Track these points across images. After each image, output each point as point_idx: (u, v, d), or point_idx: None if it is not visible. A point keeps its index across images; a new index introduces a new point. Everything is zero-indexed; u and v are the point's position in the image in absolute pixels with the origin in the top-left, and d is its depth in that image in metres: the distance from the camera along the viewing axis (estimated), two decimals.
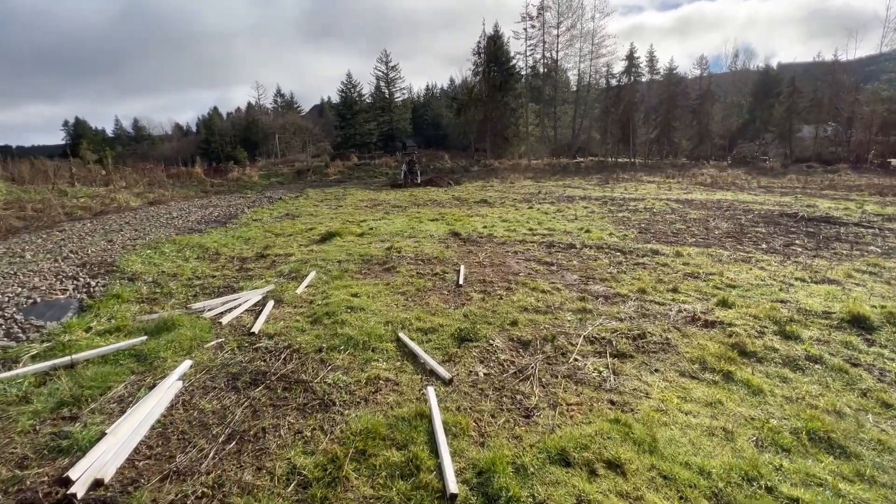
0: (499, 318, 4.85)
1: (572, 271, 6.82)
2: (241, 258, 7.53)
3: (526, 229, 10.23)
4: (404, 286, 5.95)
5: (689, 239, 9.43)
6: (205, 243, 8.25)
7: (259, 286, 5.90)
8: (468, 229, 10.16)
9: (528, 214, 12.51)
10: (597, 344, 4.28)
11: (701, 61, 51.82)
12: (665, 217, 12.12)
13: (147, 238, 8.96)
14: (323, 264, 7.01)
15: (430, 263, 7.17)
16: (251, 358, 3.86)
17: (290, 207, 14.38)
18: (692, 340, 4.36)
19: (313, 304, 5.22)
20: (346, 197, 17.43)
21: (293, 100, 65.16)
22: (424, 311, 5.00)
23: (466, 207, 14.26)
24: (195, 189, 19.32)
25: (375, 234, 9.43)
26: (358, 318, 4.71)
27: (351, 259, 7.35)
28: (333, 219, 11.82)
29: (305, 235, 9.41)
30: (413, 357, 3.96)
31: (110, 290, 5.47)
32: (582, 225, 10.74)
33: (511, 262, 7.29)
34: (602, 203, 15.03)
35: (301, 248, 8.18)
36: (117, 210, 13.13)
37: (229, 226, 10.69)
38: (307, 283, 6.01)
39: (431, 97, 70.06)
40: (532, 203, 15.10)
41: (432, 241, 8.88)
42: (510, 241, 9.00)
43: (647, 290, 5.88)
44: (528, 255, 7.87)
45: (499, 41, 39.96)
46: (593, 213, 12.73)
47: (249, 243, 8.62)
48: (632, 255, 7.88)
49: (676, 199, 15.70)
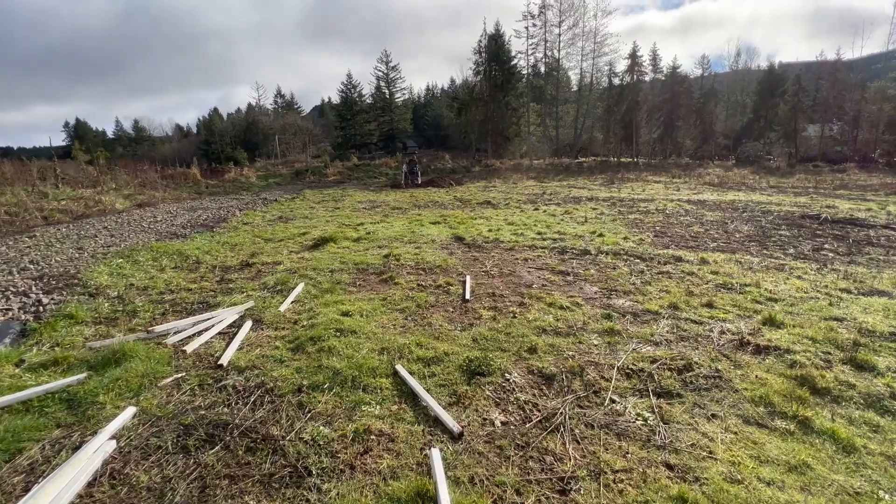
0: (514, 342, 4.09)
1: (591, 282, 6.05)
2: (223, 267, 6.77)
3: (534, 233, 9.46)
4: (403, 301, 5.19)
5: (711, 243, 8.66)
6: (185, 250, 7.48)
7: (239, 302, 5.13)
8: (472, 233, 9.40)
9: (534, 217, 11.74)
10: (634, 378, 3.51)
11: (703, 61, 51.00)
12: (680, 219, 11.35)
13: (123, 245, 8.18)
14: (313, 275, 6.24)
15: (432, 273, 6.40)
16: (212, 402, 3.09)
17: (284, 210, 13.61)
18: (748, 372, 3.60)
19: (297, 326, 4.46)
20: (344, 198, 16.66)
21: (294, 100, 64.40)
22: (427, 335, 4.24)
23: (469, 209, 13.49)
24: (189, 190, 18.55)
25: (373, 240, 8.67)
26: (348, 345, 3.94)
27: (345, 268, 6.59)
28: (329, 222, 11.05)
29: (297, 241, 8.64)
30: (413, 397, 3.19)
31: (63, 309, 4.71)
32: (593, 228, 9.96)
33: (522, 272, 6.52)
34: (611, 204, 14.25)
35: (291, 256, 7.42)
36: (101, 213, 12.35)
37: (217, 230, 9.91)
38: (293, 298, 5.24)
39: (432, 97, 69.33)
40: (538, 204, 14.33)
41: (434, 246, 8.12)
42: (518, 246, 8.23)
43: (678, 304, 5.11)
44: (540, 262, 7.10)
45: (500, 40, 39.17)
46: (603, 216, 11.96)
47: (235, 250, 7.85)
48: (653, 262, 7.11)
49: (688, 200, 14.92)
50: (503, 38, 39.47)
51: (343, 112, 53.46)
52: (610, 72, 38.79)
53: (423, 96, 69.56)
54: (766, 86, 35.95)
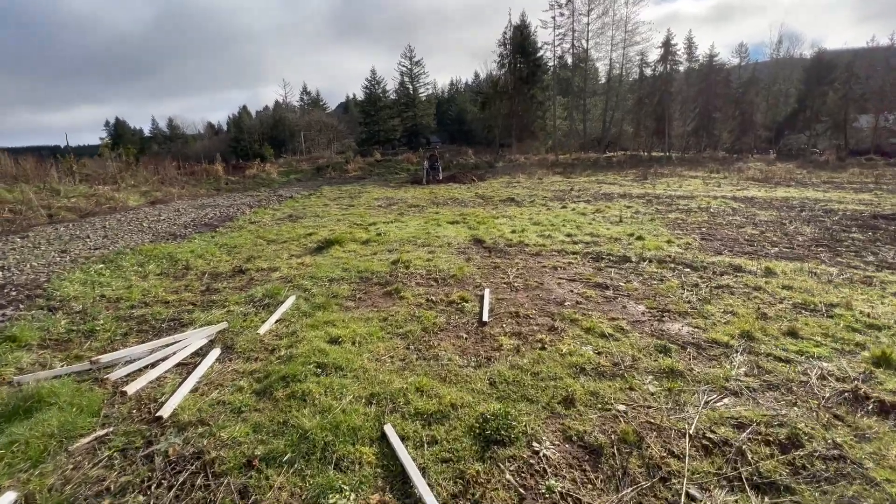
0: (544, 388, 3.09)
1: (635, 298, 4.97)
2: (213, 274, 5.99)
3: (563, 235, 8.36)
4: (407, 323, 4.25)
5: (771, 249, 7.38)
6: (177, 254, 6.75)
7: (216, 320, 4.31)
8: (493, 234, 8.38)
9: (562, 215, 10.60)
10: (717, 455, 2.46)
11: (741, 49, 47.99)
12: (728, 219, 10.00)
13: (113, 247, 7.52)
14: (309, 285, 5.37)
15: (444, 285, 5.44)
16: (124, 485, 2.22)
17: (297, 207, 12.89)
18: (882, 450, 2.49)
19: (273, 357, 3.58)
20: (361, 195, 15.86)
21: (319, 97, 64.38)
22: (431, 374, 3.29)
23: (491, 207, 12.44)
24: (208, 187, 18.16)
25: (383, 242, 7.77)
26: (329, 389, 3.03)
27: (346, 277, 5.70)
28: (340, 221, 10.22)
29: (301, 243, 7.82)
30: (403, 480, 2.25)
31: (7, 329, 3.98)
32: (630, 229, 8.78)
33: (551, 284, 5.48)
34: (646, 202, 12.93)
35: (290, 261, 6.58)
36: (111, 210, 11.92)
37: (220, 230, 9.21)
38: (278, 317, 4.38)
39: (456, 92, 68.16)
40: (565, 202, 13.14)
41: (449, 251, 7.15)
42: (546, 251, 7.17)
43: (752, 333, 3.99)
44: (572, 271, 6.03)
45: (525, 31, 37.63)
46: (639, 214, 10.70)
47: (232, 253, 7.08)
48: (707, 272, 5.94)
49: (733, 197, 13.42)
50: (529, 29, 37.90)
51: (367, 108, 53.04)
52: (641, 62, 36.74)
53: (446, 91, 68.46)
54: (814, 73, 33.20)
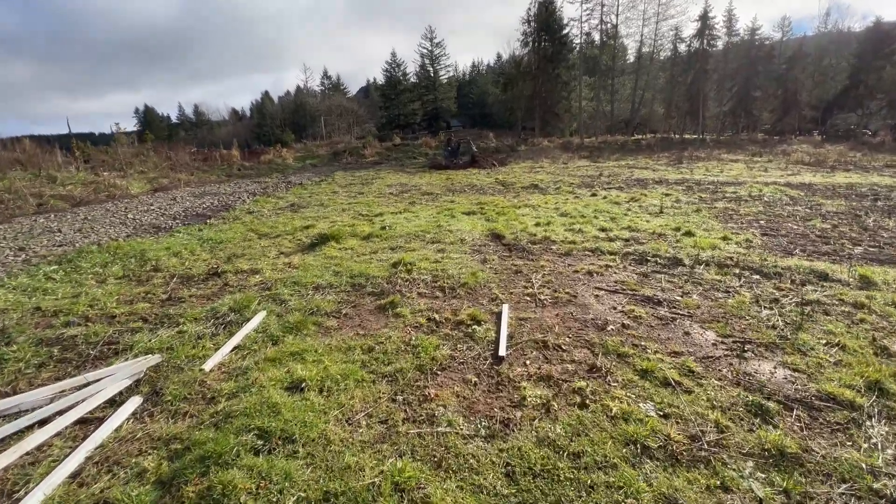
0: (588, 487, 1.98)
1: (700, 321, 3.76)
2: (184, 277, 5.05)
3: (596, 229, 7.10)
4: (398, 356, 3.18)
5: (854, 248, 5.98)
6: (150, 251, 5.86)
7: (157, 345, 3.35)
8: (515, 228, 7.19)
9: (593, 205, 9.28)
10: None
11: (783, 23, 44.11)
12: (788, 209, 8.50)
13: (83, 243, 6.67)
14: (288, 295, 4.36)
15: (453, 296, 4.34)
16: None
17: (303, 195, 11.92)
18: None
19: (207, 413, 2.58)
20: (373, 181, 14.79)
21: (339, 82, 63.19)
22: (421, 453, 2.22)
23: (513, 195, 11.19)
24: (219, 173, 17.38)
25: (386, 237, 6.69)
26: (262, 484, 2.01)
27: (335, 284, 4.66)
28: (345, 211, 9.19)
29: (295, 238, 6.83)
30: None
31: None
32: (675, 222, 7.44)
33: (586, 296, 4.31)
34: (686, 189, 11.42)
35: (277, 261, 5.59)
36: (108, 198, 11.19)
37: (212, 221, 8.30)
38: (236, 342, 3.38)
39: (477, 74, 65.86)
40: (595, 189, 11.75)
41: (463, 248, 6.02)
42: (577, 249, 5.96)
43: (882, 382, 2.76)
44: (611, 278, 4.83)
45: (551, 7, 35.28)
46: (681, 204, 9.29)
47: (214, 250, 6.14)
48: (783, 280, 4.65)
49: (787, 184, 11.74)
50: (554, 5, 35.51)
51: (387, 92, 51.65)
52: (675, 37, 34.02)
53: (467, 74, 66.18)
54: (869, 46, 29.92)
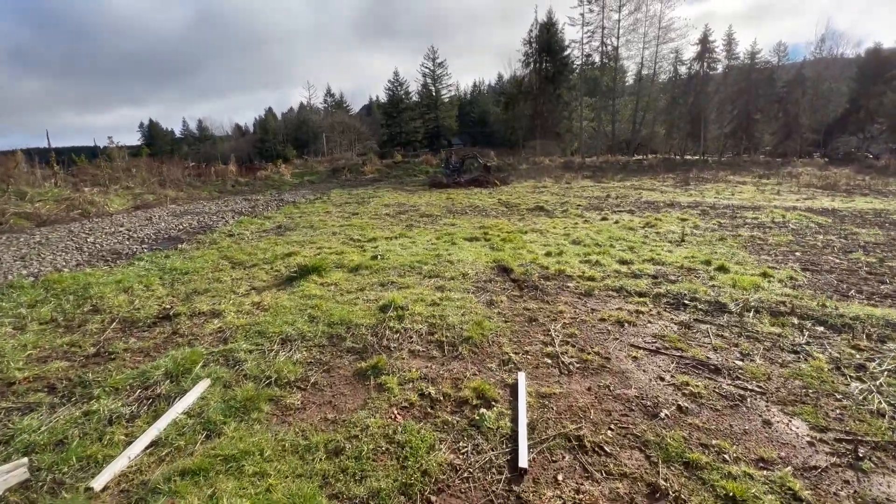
0: None
1: (778, 401, 2.82)
2: (128, 321, 4.11)
3: (615, 261, 6.19)
4: (377, 463, 2.23)
5: None
6: (95, 286, 4.93)
7: (49, 435, 2.40)
8: (524, 259, 6.28)
9: (606, 231, 8.40)
10: None
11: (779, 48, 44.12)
12: (820, 240, 7.61)
13: (19, 273, 5.71)
14: (245, 353, 3.42)
15: (453, 357, 3.40)
16: None
17: (293, 215, 11.03)
18: None
19: None
20: (370, 200, 13.94)
21: (342, 99, 63.18)
22: None
23: (517, 217, 10.32)
24: (211, 189, 16.53)
25: (378, 268, 5.76)
26: None
27: (307, 336, 3.72)
28: (335, 234, 8.28)
29: (274, 268, 5.90)
30: None
31: None
32: (702, 254, 6.54)
33: (621, 358, 3.37)
34: (701, 213, 10.57)
35: (245, 299, 4.66)
36: (81, 216, 10.29)
37: (184, 246, 7.37)
38: (152, 438, 2.43)
39: (478, 94, 65.95)
40: (604, 212, 10.89)
41: (465, 285, 5.09)
42: (598, 288, 5.03)
43: None
44: (647, 330, 3.89)
45: (552, 29, 35.17)
46: (700, 231, 8.41)
47: (175, 284, 5.20)
48: (855, 334, 3.72)
49: (808, 209, 10.90)
50: (556, 27, 35.41)
51: (389, 110, 51.47)
52: (676, 59, 33.73)
53: (469, 93, 66.24)
54: (868, 71, 29.62)
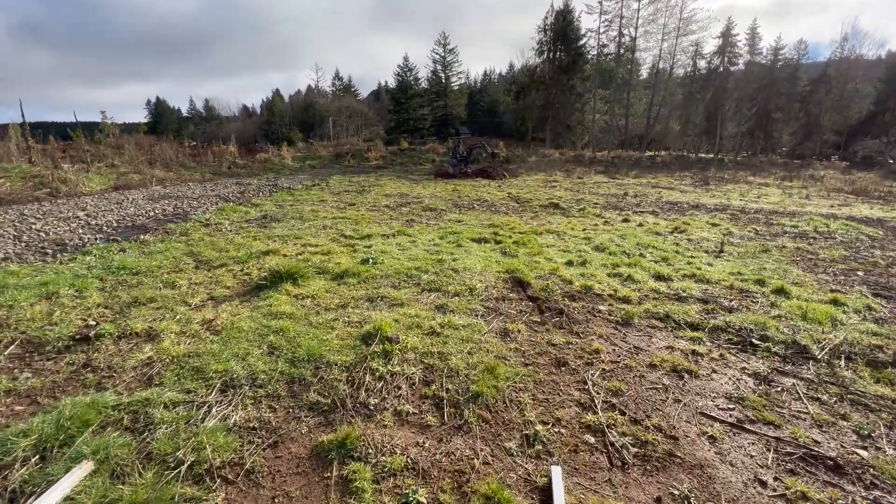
0: None
1: None
2: (33, 343, 3.13)
3: (650, 276, 5.14)
4: None
5: None
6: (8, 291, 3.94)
7: None
8: (541, 269, 5.24)
9: (631, 235, 7.33)
10: None
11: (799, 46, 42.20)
12: (878, 255, 6.52)
13: None
14: (163, 411, 2.42)
15: (455, 426, 2.39)
16: None
17: (284, 203, 9.98)
18: None
19: None
20: (371, 189, 12.87)
21: (351, 83, 61.52)
22: None
23: (530, 215, 9.25)
24: (204, 170, 15.47)
25: (368, 277, 4.74)
26: None
27: (259, 380, 2.72)
28: (326, 228, 7.25)
29: (244, 270, 4.89)
30: None
31: None
32: (748, 270, 5.47)
33: (691, 437, 2.35)
34: (731, 217, 9.46)
35: (195, 315, 3.66)
36: (48, 196, 9.28)
37: (147, 237, 6.36)
38: None
39: (489, 83, 64.15)
40: (625, 212, 9.80)
41: (473, 305, 4.07)
42: (636, 314, 3.99)
43: None
44: (713, 385, 2.87)
45: (568, 16, 33.52)
46: (736, 239, 7.33)
47: (116, 290, 4.20)
48: None
49: (850, 217, 9.76)
50: (572, 15, 33.76)
51: (397, 95, 49.90)
52: (695, 53, 32.09)
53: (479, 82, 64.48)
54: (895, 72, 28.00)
